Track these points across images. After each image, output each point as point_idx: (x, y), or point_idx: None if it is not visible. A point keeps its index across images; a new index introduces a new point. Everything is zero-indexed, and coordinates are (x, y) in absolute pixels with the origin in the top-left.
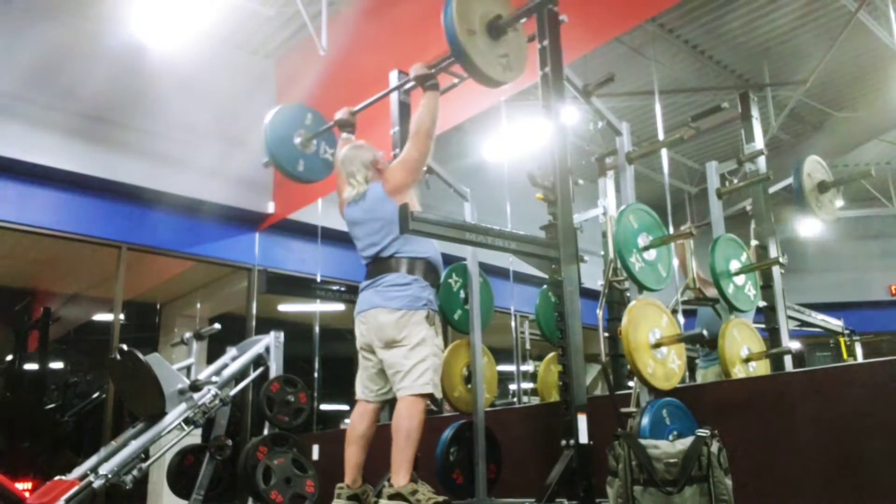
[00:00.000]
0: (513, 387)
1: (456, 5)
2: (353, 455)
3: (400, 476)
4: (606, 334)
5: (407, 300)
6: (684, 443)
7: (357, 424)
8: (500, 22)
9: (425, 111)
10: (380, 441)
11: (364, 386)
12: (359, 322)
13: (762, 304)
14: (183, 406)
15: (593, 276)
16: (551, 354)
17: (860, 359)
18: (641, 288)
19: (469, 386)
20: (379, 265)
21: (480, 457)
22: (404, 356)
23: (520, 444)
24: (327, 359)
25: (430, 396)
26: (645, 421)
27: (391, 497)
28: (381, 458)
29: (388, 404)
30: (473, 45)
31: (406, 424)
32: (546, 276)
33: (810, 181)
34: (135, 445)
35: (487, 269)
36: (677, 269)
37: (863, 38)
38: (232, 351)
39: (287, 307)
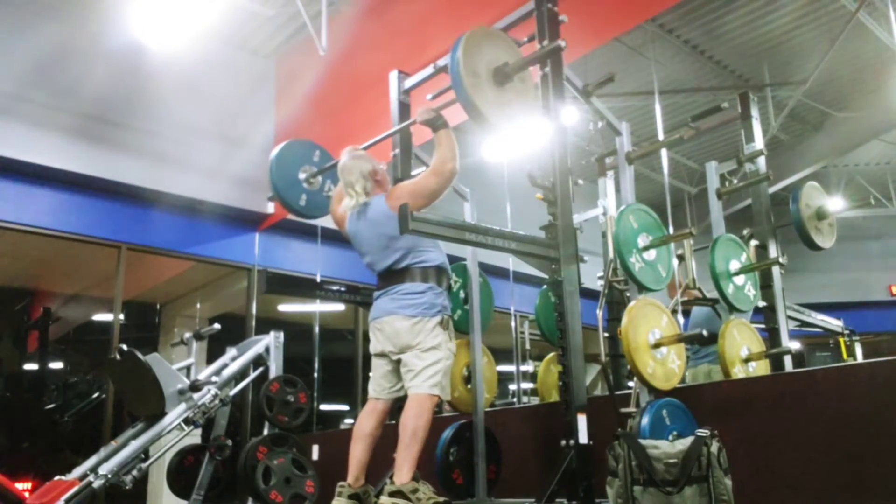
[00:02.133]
0: (513, 387)
1: (463, 49)
2: (357, 453)
3: (402, 473)
4: (606, 334)
5: (422, 307)
6: (684, 443)
7: (364, 422)
8: (507, 69)
9: (446, 149)
10: (383, 441)
11: (377, 384)
12: (374, 329)
13: (762, 304)
14: (183, 406)
15: (593, 276)
16: (551, 354)
17: (860, 359)
18: (641, 288)
19: (469, 386)
20: (392, 277)
21: (480, 457)
22: (418, 357)
23: (520, 444)
24: (327, 359)
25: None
26: (645, 421)
27: (392, 494)
28: (383, 458)
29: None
30: (478, 90)
31: (413, 423)
32: (546, 276)
33: (808, 209)
34: (135, 445)
35: (487, 269)
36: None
37: (863, 38)
38: (232, 351)
39: (287, 307)
